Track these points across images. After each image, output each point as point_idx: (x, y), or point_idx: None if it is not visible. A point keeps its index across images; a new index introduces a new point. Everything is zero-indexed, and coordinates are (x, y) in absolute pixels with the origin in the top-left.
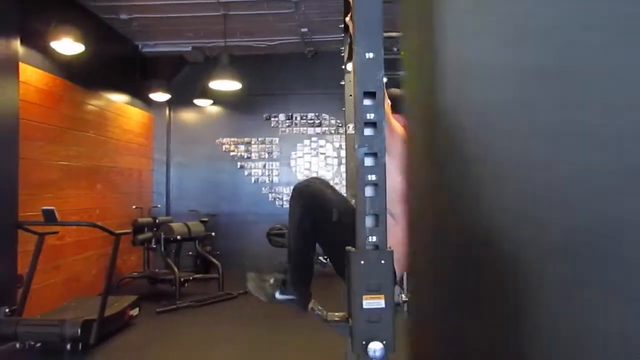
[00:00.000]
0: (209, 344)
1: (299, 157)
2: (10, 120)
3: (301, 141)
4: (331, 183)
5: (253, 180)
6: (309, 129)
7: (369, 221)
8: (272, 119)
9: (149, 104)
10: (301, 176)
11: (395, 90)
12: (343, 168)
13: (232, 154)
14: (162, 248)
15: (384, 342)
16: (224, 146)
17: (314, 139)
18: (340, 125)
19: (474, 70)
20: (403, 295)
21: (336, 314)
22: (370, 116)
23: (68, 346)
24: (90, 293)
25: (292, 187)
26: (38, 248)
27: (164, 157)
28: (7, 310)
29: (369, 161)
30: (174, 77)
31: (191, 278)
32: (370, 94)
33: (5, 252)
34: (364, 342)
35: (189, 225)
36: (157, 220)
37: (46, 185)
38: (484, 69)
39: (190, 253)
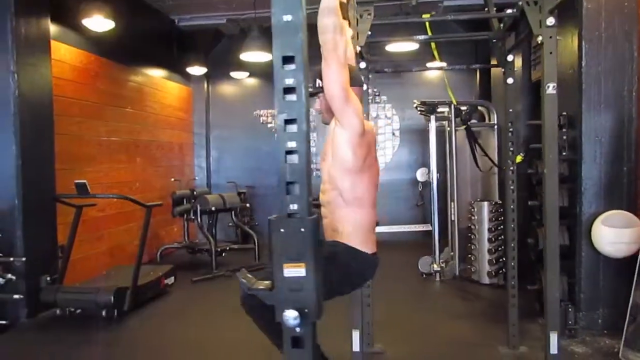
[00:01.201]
0: (241, 312)
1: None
2: (45, 97)
3: None
4: None
5: None
6: None
7: (289, 189)
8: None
9: (188, 78)
10: None
11: (352, 66)
12: (380, 138)
13: (269, 125)
14: (199, 219)
15: (306, 310)
16: (261, 118)
17: None
18: (377, 93)
19: None
20: (435, 265)
21: (264, 282)
22: (290, 81)
23: (103, 312)
24: (134, 262)
25: None
26: (76, 219)
27: (203, 130)
28: (48, 278)
29: (289, 128)
30: (211, 51)
31: (228, 248)
32: (289, 59)
33: (45, 224)
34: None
35: (224, 196)
36: (194, 192)
37: (86, 160)
38: None
39: (230, 224)
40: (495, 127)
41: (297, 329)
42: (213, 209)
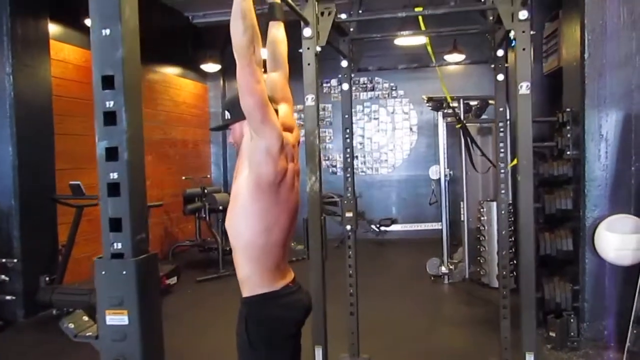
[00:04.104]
0: (234, 317)
1: (352, 122)
2: (44, 98)
3: (354, 106)
4: (385, 149)
5: None
6: (362, 93)
7: (112, 226)
8: (324, 84)
9: (203, 75)
10: (354, 142)
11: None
12: (397, 133)
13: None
14: (208, 217)
15: None
16: None
17: (367, 104)
18: (394, 88)
19: None
20: (443, 267)
21: (94, 327)
22: (110, 105)
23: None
24: None
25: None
26: (76, 220)
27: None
28: (47, 278)
29: (110, 157)
30: (227, 47)
31: None
32: (109, 79)
33: (44, 224)
34: None
35: None
36: (205, 191)
37: (91, 159)
38: None
39: None
40: (508, 123)
41: None
42: (221, 207)
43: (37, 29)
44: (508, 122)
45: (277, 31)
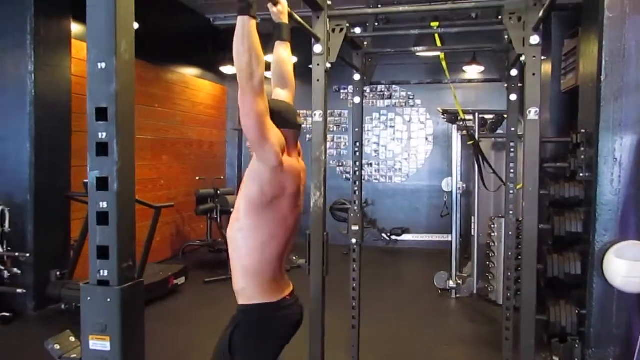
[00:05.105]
0: None
1: (368, 130)
2: (63, 96)
3: (370, 114)
4: (400, 158)
5: None
6: (379, 101)
7: (100, 253)
8: (342, 91)
9: (222, 76)
10: (369, 150)
11: (285, 103)
12: (413, 142)
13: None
14: (219, 219)
15: None
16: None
17: (383, 112)
18: (411, 97)
19: None
20: (451, 281)
21: (78, 348)
22: (102, 136)
23: None
24: (154, 259)
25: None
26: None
27: (237, 128)
28: (58, 273)
29: (100, 187)
30: None
31: None
32: (102, 111)
33: (57, 220)
34: None
35: None
36: (218, 192)
37: None
38: None
39: None
40: (523, 140)
41: None
42: (232, 210)
43: (60, 28)
44: (523, 140)
45: (284, 51)
